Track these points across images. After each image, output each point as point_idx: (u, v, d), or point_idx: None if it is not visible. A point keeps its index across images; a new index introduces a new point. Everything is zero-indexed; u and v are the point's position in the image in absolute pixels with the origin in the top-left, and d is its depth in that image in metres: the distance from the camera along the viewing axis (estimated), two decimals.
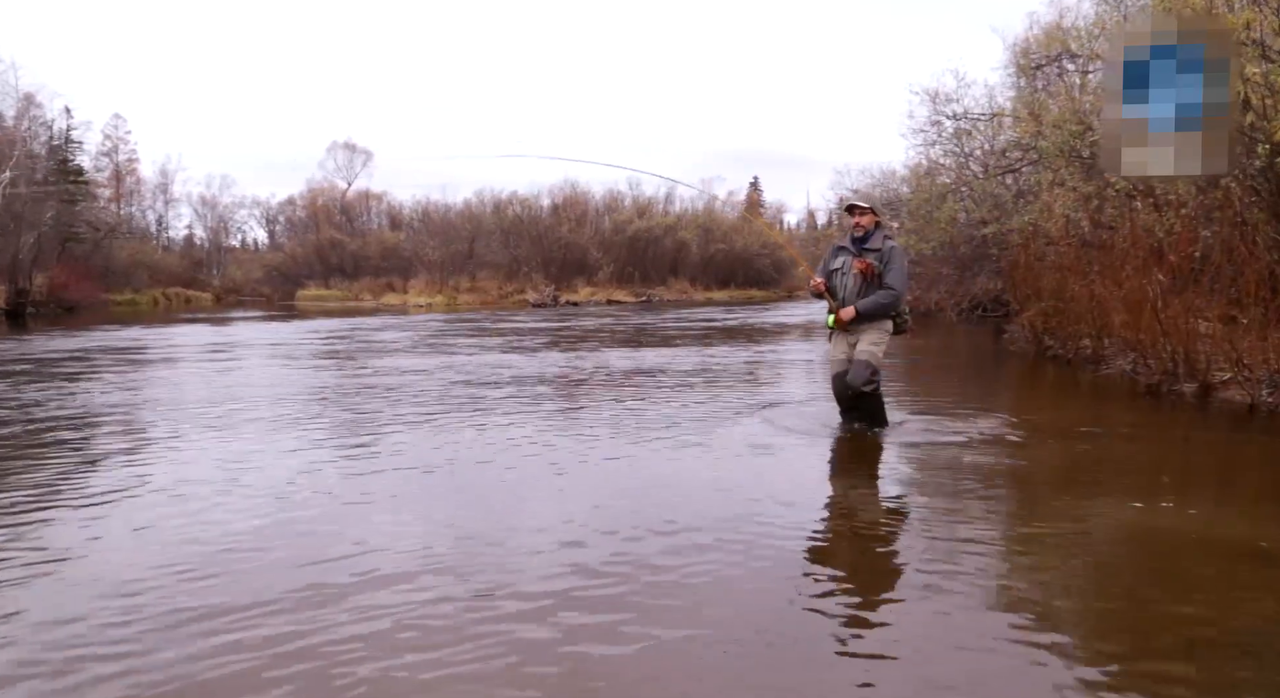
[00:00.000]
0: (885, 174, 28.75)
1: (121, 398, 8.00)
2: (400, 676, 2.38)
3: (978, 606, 2.83)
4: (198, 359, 12.31)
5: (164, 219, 57.73)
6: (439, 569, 3.20)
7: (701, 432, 5.92)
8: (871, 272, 5.54)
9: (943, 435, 5.72)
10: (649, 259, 45.58)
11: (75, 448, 5.73)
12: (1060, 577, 3.19)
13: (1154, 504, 4.06)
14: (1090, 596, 3.04)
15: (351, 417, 6.83)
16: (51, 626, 2.71)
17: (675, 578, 3.08)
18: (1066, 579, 3.17)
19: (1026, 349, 11.92)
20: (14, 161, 30.89)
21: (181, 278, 48.59)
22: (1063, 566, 3.30)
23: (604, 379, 9.11)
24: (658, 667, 2.42)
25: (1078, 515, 3.92)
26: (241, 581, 3.10)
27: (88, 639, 2.60)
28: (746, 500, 4.09)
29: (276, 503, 4.14)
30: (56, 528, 3.81)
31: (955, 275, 20.75)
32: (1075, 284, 10.09)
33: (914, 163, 23.01)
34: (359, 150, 59.80)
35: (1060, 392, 8.81)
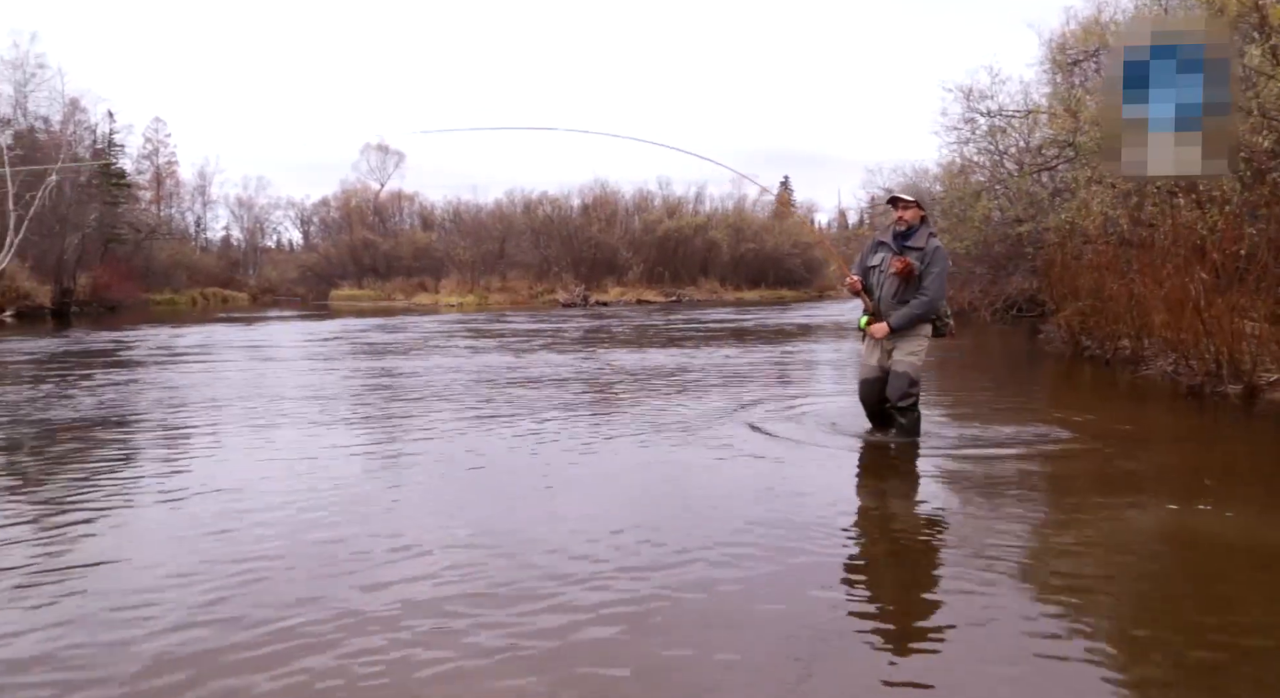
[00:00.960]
0: (918, 172, 28.51)
1: (174, 393, 8.16)
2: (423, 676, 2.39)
3: (1018, 623, 2.72)
4: (251, 358, 12.51)
5: (202, 220, 58.91)
6: (470, 574, 3.21)
7: (734, 435, 5.76)
8: (911, 272, 5.11)
9: (978, 438, 5.61)
10: (679, 259, 45.52)
11: (118, 442, 5.85)
12: (1103, 589, 3.07)
13: (1195, 509, 3.97)
14: (1134, 610, 2.96)
15: (383, 414, 6.91)
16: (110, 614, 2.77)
17: (709, 592, 3.00)
18: (1109, 592, 3.05)
19: (1063, 349, 11.73)
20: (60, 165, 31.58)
21: (219, 278, 49.47)
22: (1105, 577, 3.19)
23: (638, 378, 9.10)
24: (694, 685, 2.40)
25: (1120, 522, 3.83)
26: (270, 584, 3.14)
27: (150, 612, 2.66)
28: (782, 507, 4.00)
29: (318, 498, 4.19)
30: (97, 524, 3.89)
31: (989, 275, 20.45)
32: (1113, 283, 9.90)
33: (947, 161, 22.74)
34: (391, 152, 60.49)
35: (1098, 393, 8.64)
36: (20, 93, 32.34)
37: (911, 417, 5.28)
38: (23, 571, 3.19)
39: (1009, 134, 19.35)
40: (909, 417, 5.27)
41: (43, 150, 31.69)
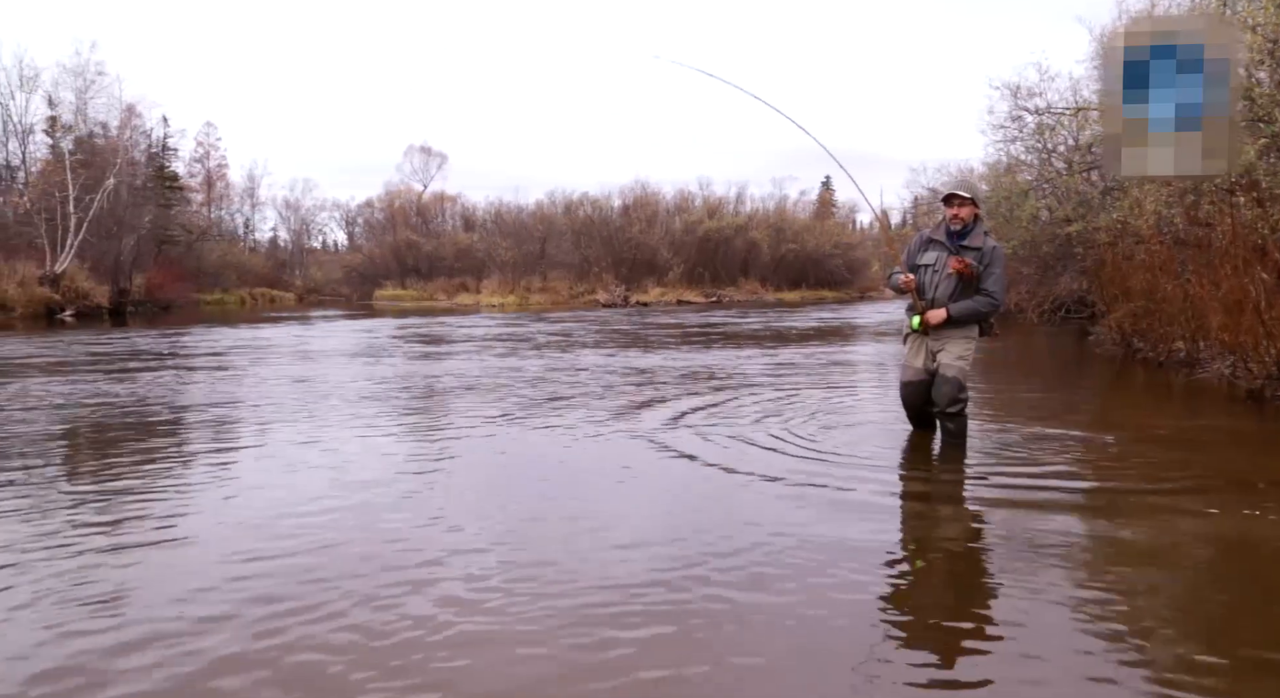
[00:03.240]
0: (962, 171, 28.08)
1: (239, 389, 8.39)
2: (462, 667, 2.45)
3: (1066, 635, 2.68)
4: (302, 357, 12.79)
5: (250, 222, 60.23)
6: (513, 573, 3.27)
7: (773, 438, 5.70)
8: (971, 273, 4.91)
9: (1027, 441, 5.53)
10: (719, 259, 45.44)
11: (170, 435, 6.05)
12: (1154, 599, 3.02)
13: (1255, 515, 3.89)
14: (1186, 621, 2.92)
15: (426, 408, 7.03)
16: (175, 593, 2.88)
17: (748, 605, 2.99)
18: (1161, 602, 3.01)
19: (1114, 352, 11.51)
20: (117, 169, 32.60)
21: (266, 278, 50.55)
22: (1157, 585, 3.14)
23: (678, 378, 9.13)
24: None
25: (1175, 529, 3.76)
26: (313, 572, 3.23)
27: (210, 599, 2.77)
28: (817, 515, 3.95)
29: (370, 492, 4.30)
30: (156, 506, 4.03)
31: (1036, 275, 20.11)
32: (1168, 284, 9.70)
33: (993, 160, 22.40)
34: (434, 153, 61.35)
35: (1152, 395, 8.47)
36: (81, 99, 33.47)
37: (960, 422, 5.15)
38: (85, 553, 3.34)
39: (1058, 132, 19.00)
40: (957, 422, 5.14)
41: (101, 155, 32.73)
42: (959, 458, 5.00)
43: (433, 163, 61.46)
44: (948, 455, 5.09)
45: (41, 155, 35.28)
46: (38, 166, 34.67)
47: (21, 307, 25.79)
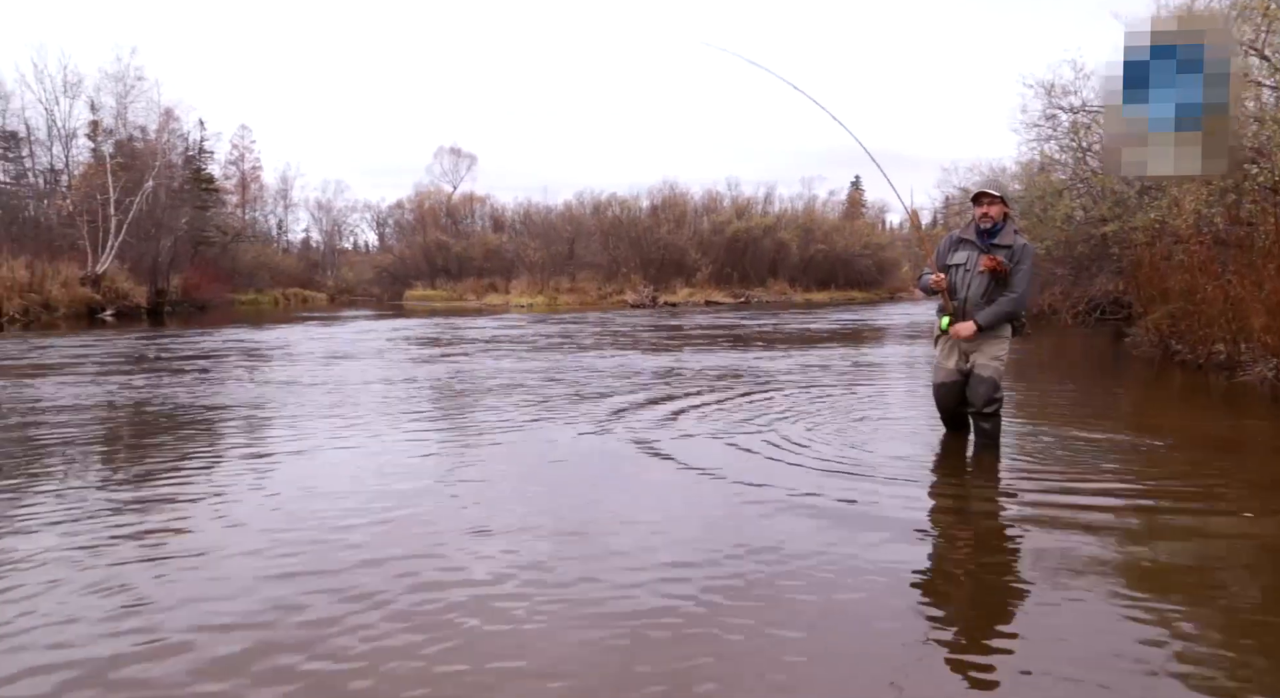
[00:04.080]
0: (995, 171, 27.78)
1: (278, 388, 8.55)
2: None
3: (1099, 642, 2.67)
4: (337, 356, 12.98)
5: (283, 223, 61.19)
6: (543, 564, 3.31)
7: (805, 441, 5.69)
8: (1003, 271, 4.91)
9: (1061, 444, 5.48)
10: (747, 260, 45.33)
11: (203, 431, 6.19)
12: (1190, 605, 3.00)
13: None
14: (1224, 629, 2.90)
15: (460, 409, 7.12)
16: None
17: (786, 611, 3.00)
18: (1197, 609, 2.99)
19: (1151, 353, 11.34)
20: (155, 171, 33.26)
21: (299, 279, 51.28)
22: (1193, 592, 3.12)
23: (710, 380, 9.15)
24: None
25: (1210, 534, 3.72)
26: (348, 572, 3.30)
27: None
28: (849, 520, 3.91)
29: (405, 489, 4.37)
30: (193, 510, 4.13)
31: (1071, 276, 19.84)
32: (1207, 285, 9.54)
33: (1026, 159, 22.15)
34: (464, 155, 61.81)
35: (1191, 398, 8.34)
36: (121, 104, 34.16)
37: (995, 422, 5.13)
38: (133, 547, 3.44)
39: (1093, 130, 18.73)
40: (992, 422, 5.12)
41: (140, 158, 33.40)
42: (994, 462, 4.97)
43: (462, 164, 62.02)
44: (983, 459, 5.06)
45: (83, 159, 36.12)
46: (80, 170, 35.48)
47: (65, 306, 26.39)
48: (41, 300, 25.70)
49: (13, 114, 35.48)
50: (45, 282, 26.42)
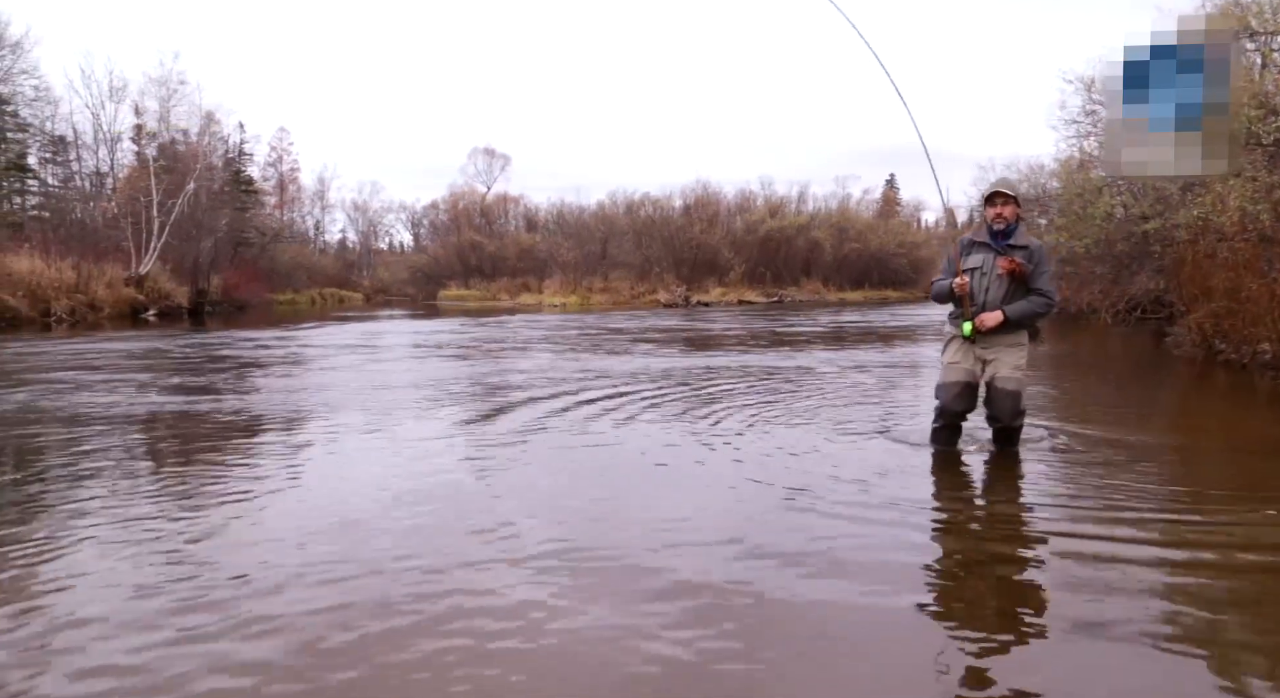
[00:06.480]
0: (1033, 168, 27.33)
1: (322, 390, 8.71)
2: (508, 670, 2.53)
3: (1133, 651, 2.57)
4: (377, 354, 13.18)
5: (320, 224, 62.25)
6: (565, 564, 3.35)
7: (831, 444, 5.62)
8: (1022, 273, 4.71)
9: (1096, 445, 5.37)
10: (781, 259, 45.15)
11: (252, 430, 6.32)
12: (1221, 612, 2.94)
13: None
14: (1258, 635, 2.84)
15: (491, 405, 7.20)
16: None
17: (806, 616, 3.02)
18: (1229, 615, 2.93)
19: (1193, 353, 11.09)
20: (196, 174, 33.98)
21: (336, 279, 52.05)
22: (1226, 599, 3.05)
23: (743, 377, 9.13)
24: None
25: (1248, 539, 3.64)
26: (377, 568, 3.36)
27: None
28: (877, 524, 3.84)
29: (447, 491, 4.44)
30: (240, 506, 4.23)
31: (1110, 275, 19.47)
32: (1253, 283, 9.33)
33: (1065, 156, 21.80)
34: (498, 155, 62.42)
35: (1235, 399, 8.15)
36: (164, 107, 34.96)
37: (1018, 434, 5.05)
38: (166, 543, 3.54)
39: None
40: (1015, 437, 5.05)
41: (182, 161, 34.14)
42: (1014, 467, 4.86)
43: (496, 164, 62.60)
44: (1008, 465, 4.93)
45: (127, 162, 37.04)
46: (124, 173, 36.36)
47: (109, 306, 27.03)
48: (88, 301, 26.33)
49: (61, 119, 36.53)
50: (91, 282, 27.05)
